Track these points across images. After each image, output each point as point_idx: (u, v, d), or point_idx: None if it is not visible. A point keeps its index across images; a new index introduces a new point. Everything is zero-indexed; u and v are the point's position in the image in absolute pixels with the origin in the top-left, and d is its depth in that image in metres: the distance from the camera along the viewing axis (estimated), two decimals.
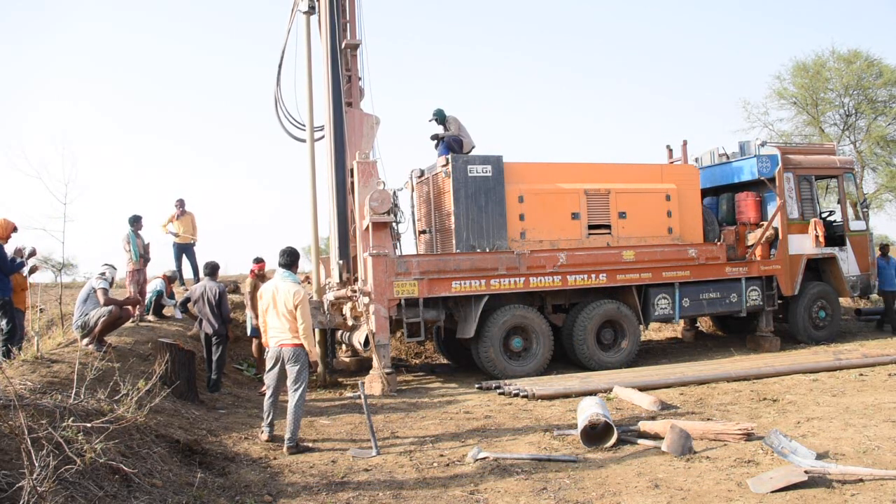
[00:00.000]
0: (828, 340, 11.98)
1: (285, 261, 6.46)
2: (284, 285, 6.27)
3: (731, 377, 8.89)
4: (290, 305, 6.14)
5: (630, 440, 5.99)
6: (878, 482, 4.54)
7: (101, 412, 4.84)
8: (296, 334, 6.19)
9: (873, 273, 12.69)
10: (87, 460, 3.92)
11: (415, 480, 5.18)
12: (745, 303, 11.42)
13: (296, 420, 6.14)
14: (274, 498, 4.82)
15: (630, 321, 10.65)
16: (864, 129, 23.80)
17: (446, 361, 12.33)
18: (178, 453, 5.36)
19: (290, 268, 6.47)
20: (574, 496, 4.66)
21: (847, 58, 23.30)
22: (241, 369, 10.75)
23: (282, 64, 11.01)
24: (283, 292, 6.21)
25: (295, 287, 6.26)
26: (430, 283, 9.62)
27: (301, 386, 6.21)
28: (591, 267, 10.38)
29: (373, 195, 9.40)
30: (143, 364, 7.97)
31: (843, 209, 12.63)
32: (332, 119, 10.25)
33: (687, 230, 11.34)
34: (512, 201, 10.27)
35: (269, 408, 6.44)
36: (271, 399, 6.42)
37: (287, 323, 6.19)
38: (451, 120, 11.06)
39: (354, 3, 10.74)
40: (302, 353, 6.22)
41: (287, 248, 6.50)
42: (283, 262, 6.46)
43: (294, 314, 6.14)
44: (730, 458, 5.33)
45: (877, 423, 6.12)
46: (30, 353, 6.93)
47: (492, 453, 5.71)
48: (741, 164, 12.21)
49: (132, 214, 10.68)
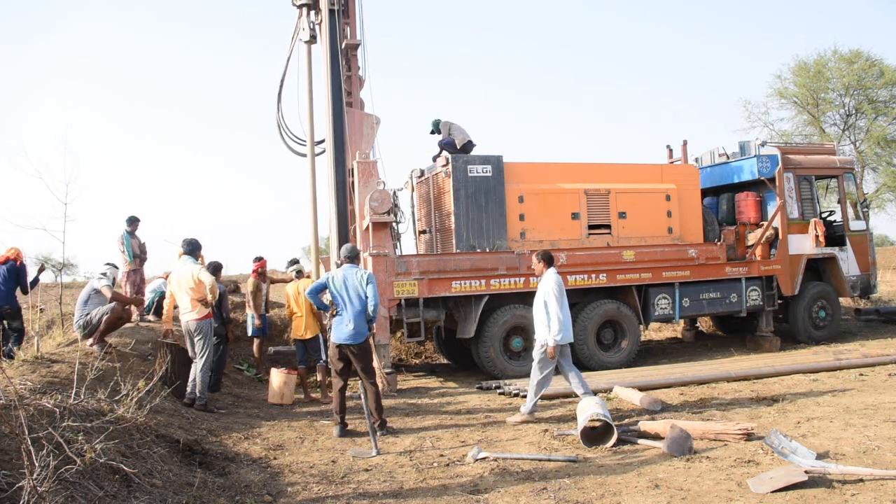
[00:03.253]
0: (828, 340, 11.97)
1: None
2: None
3: (732, 377, 8.89)
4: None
5: (630, 440, 5.99)
6: (878, 482, 4.53)
7: (102, 412, 4.84)
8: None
9: (874, 273, 12.69)
10: (87, 460, 3.92)
11: (415, 480, 5.17)
12: (745, 303, 11.41)
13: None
14: (274, 498, 4.82)
15: (630, 321, 10.65)
16: (865, 130, 23.80)
17: (446, 361, 12.33)
18: (178, 453, 5.36)
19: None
20: (574, 496, 4.66)
21: (848, 58, 23.31)
22: (241, 369, 10.75)
23: (281, 92, 11.26)
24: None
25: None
26: (430, 283, 9.63)
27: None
28: (591, 267, 10.37)
29: (373, 195, 9.40)
30: (143, 364, 7.96)
31: (843, 209, 12.62)
32: (331, 119, 10.27)
33: (687, 230, 11.34)
34: (512, 201, 10.26)
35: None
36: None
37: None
38: (444, 125, 11.10)
39: (355, 4, 10.77)
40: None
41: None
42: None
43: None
44: (730, 458, 5.33)
45: (877, 423, 6.11)
46: (30, 353, 6.92)
47: (492, 453, 5.71)
48: (741, 164, 12.20)
49: (129, 216, 10.70)
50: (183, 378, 7.73)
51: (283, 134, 11.34)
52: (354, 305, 6.62)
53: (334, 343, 6.74)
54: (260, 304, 10.07)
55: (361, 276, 6.72)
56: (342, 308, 6.66)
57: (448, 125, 11.07)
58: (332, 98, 10.31)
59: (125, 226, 10.60)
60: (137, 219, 10.73)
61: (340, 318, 6.66)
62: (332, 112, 10.31)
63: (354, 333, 6.59)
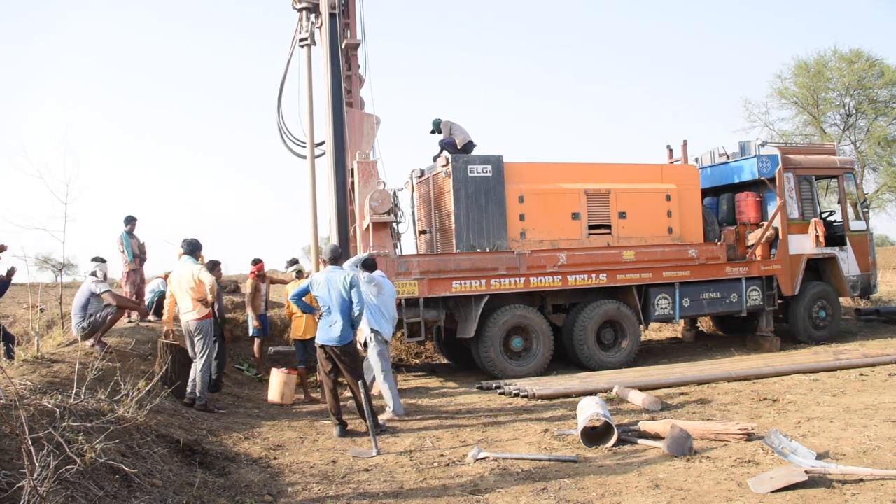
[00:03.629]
0: (828, 340, 11.96)
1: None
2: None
3: (732, 377, 8.89)
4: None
5: (630, 440, 5.98)
6: (878, 482, 4.54)
7: (102, 412, 4.84)
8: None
9: (874, 273, 12.69)
10: (87, 460, 3.92)
11: (415, 480, 5.17)
12: (745, 303, 11.41)
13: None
14: (274, 498, 4.82)
15: (630, 321, 10.65)
16: (865, 130, 23.79)
17: (446, 361, 12.33)
18: (178, 453, 5.36)
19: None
20: (574, 496, 4.66)
21: (849, 57, 23.28)
22: (241, 369, 10.74)
23: (282, 94, 11.25)
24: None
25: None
26: (430, 282, 9.62)
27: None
28: (592, 267, 10.37)
29: (373, 195, 9.40)
30: (143, 364, 7.97)
31: (843, 209, 12.62)
32: (331, 119, 10.28)
33: (687, 230, 11.33)
34: (512, 201, 10.26)
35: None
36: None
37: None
38: (444, 125, 11.10)
39: (355, 4, 10.77)
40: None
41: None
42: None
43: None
44: (730, 458, 5.33)
45: (877, 423, 6.11)
46: (30, 353, 6.93)
47: (492, 453, 5.71)
48: (741, 164, 12.20)
49: (126, 215, 10.69)
50: (183, 378, 7.73)
51: (284, 136, 11.35)
52: (338, 308, 6.59)
53: (318, 344, 6.77)
54: (259, 305, 10.07)
55: (345, 278, 6.64)
56: (326, 310, 6.67)
57: (449, 125, 11.07)
58: (332, 98, 10.32)
59: (123, 226, 10.60)
60: (134, 218, 10.72)
61: (325, 320, 6.68)
62: (332, 112, 10.31)
63: (338, 336, 6.58)
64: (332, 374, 6.82)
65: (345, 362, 6.68)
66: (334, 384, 6.88)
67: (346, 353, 6.67)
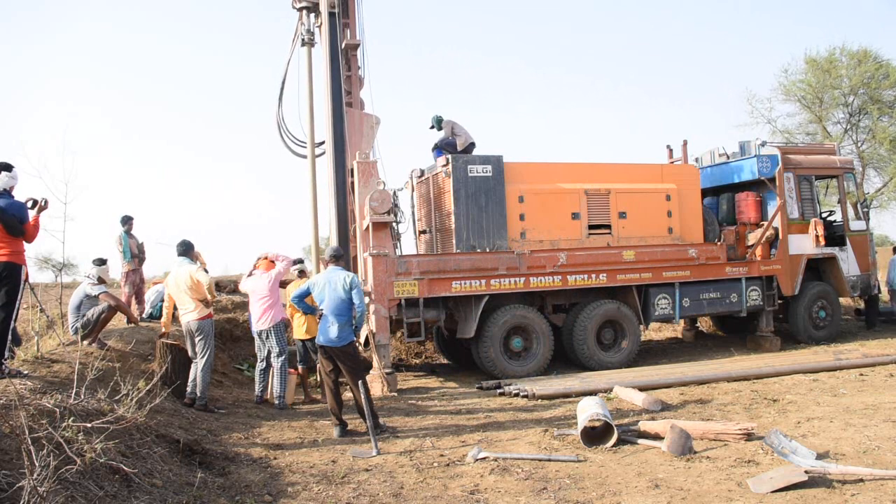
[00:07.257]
0: (828, 340, 11.97)
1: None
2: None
3: (732, 377, 8.89)
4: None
5: (630, 440, 5.98)
6: (878, 482, 4.54)
7: (102, 412, 4.84)
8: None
9: (874, 273, 12.69)
10: (87, 460, 3.93)
11: (415, 480, 5.17)
12: (745, 303, 11.41)
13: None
14: (274, 498, 4.82)
15: (630, 321, 10.65)
16: (869, 129, 23.72)
17: (446, 361, 12.33)
18: (178, 453, 5.36)
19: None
20: (574, 496, 4.66)
21: (857, 55, 23.17)
22: (241, 369, 10.74)
23: (282, 95, 11.28)
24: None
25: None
26: (430, 283, 9.62)
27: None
28: (592, 267, 10.37)
29: (373, 195, 9.40)
30: (143, 364, 7.98)
31: (843, 209, 12.63)
32: (331, 119, 10.28)
33: (687, 230, 11.34)
34: (512, 201, 10.26)
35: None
36: None
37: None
38: (446, 123, 11.09)
39: (354, 4, 10.77)
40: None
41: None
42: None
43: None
44: (730, 458, 5.33)
45: (877, 423, 6.11)
46: (30, 353, 6.93)
47: (492, 453, 5.71)
48: (741, 164, 12.20)
49: (123, 215, 10.69)
50: (183, 378, 7.74)
51: (284, 136, 11.37)
52: (338, 308, 6.60)
53: (318, 344, 6.77)
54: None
55: (345, 279, 6.65)
56: (326, 310, 6.68)
57: (451, 124, 11.06)
58: (331, 99, 10.32)
59: (121, 226, 10.59)
60: (131, 217, 10.72)
61: (325, 320, 6.67)
62: (332, 112, 10.31)
63: (337, 337, 6.58)
64: (332, 374, 6.83)
65: (345, 363, 6.68)
66: (335, 384, 6.88)
67: (346, 353, 6.67)
